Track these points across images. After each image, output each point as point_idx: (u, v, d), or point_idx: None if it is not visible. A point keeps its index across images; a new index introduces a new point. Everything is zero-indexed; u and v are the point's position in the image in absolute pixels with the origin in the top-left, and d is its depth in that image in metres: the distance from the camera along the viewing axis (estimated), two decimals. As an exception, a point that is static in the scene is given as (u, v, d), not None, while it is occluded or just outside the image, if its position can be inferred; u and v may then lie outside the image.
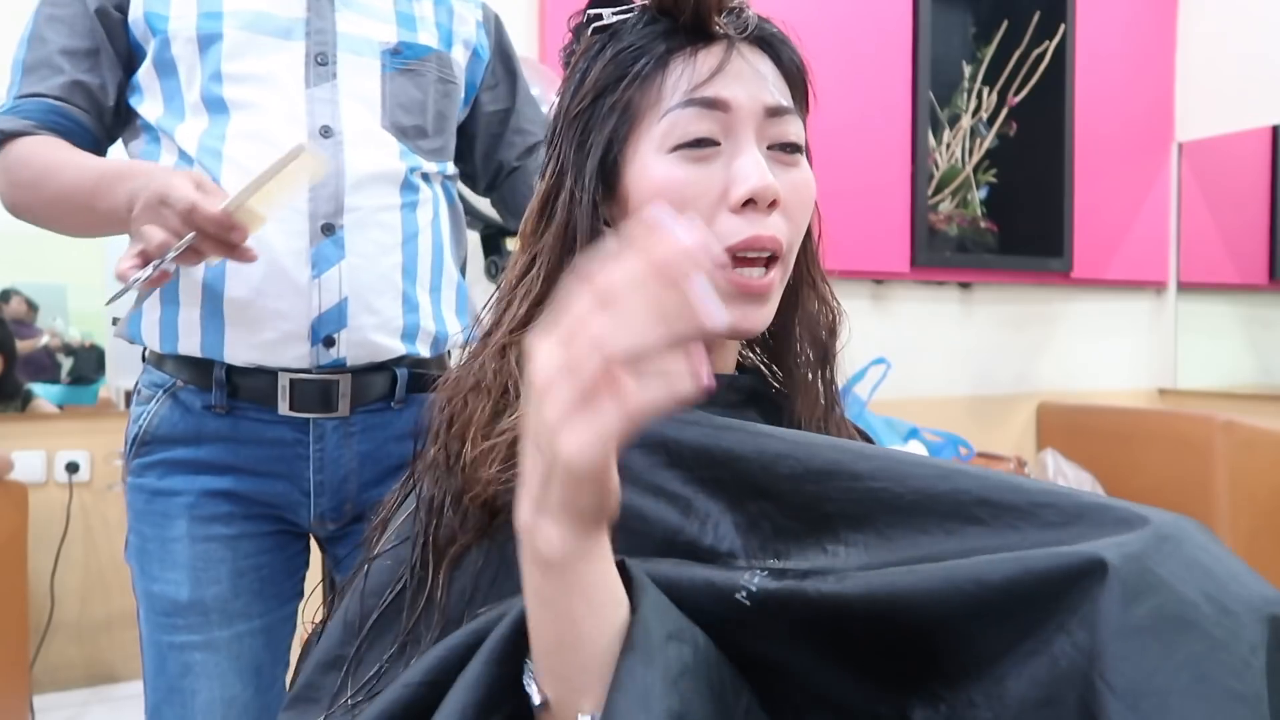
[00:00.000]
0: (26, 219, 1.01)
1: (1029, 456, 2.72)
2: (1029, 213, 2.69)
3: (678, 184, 0.58)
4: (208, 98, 0.96)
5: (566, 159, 0.61)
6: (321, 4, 1.00)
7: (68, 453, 2.24)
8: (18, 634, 1.91)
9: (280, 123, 0.96)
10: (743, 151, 0.58)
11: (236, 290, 0.94)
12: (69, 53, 0.97)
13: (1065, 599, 0.42)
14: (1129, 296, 2.93)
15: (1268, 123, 2.72)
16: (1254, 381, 2.89)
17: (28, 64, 0.98)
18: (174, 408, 0.98)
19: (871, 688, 0.47)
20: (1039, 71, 2.66)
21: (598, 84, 0.60)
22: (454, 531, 0.55)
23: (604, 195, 0.60)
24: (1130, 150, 2.86)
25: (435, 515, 0.56)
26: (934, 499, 0.49)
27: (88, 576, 2.27)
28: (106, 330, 2.28)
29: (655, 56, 0.59)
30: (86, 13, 0.97)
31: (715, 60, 0.59)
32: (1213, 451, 2.34)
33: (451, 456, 0.56)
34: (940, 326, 2.62)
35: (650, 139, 0.59)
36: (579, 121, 0.61)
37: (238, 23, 0.97)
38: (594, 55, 0.61)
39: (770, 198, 0.58)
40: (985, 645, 0.44)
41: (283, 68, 0.98)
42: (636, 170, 0.59)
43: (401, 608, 0.55)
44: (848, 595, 0.46)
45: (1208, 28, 2.85)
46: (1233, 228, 2.89)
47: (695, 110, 0.58)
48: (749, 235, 0.58)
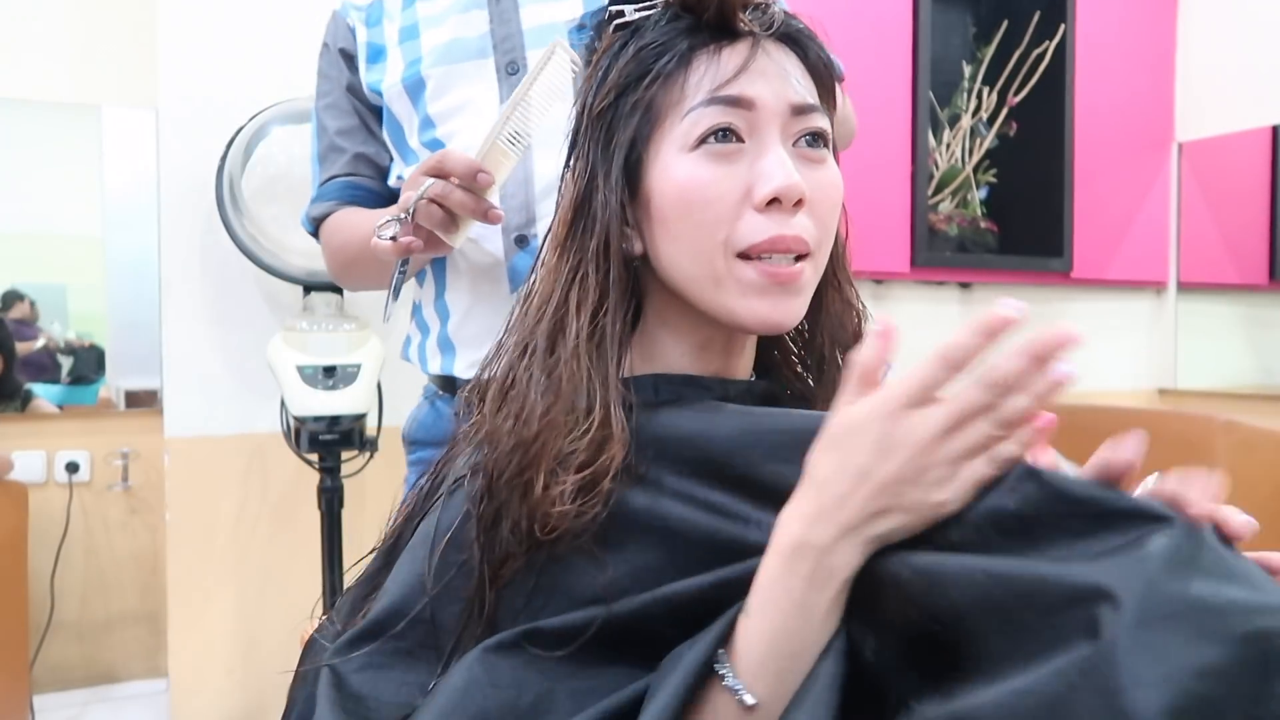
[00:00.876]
0: (351, 285, 1.18)
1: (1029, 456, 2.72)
2: (1029, 213, 2.69)
3: (701, 183, 0.57)
4: (425, 144, 1.00)
5: (596, 160, 0.60)
6: (503, 7, 0.99)
7: (68, 453, 2.24)
8: (18, 634, 1.91)
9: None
10: (767, 150, 0.57)
11: (455, 313, 1.02)
12: (343, 132, 1.07)
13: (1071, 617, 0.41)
14: (1129, 296, 2.93)
15: (1268, 123, 2.72)
16: (1254, 381, 2.89)
17: (319, 154, 1.09)
18: (430, 412, 1.08)
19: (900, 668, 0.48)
20: (1039, 71, 2.66)
21: (620, 82, 0.59)
22: (509, 553, 0.54)
23: (628, 196, 0.60)
24: (1130, 150, 2.86)
25: (491, 537, 0.55)
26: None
27: (88, 576, 2.27)
28: (106, 330, 2.28)
29: (678, 54, 0.58)
30: (343, 92, 1.07)
31: (740, 58, 0.58)
32: (1213, 451, 2.34)
33: (522, 488, 0.54)
34: (940, 326, 2.62)
35: (673, 138, 0.58)
36: (602, 120, 0.60)
37: (435, 59, 0.98)
38: (616, 52, 0.61)
39: (795, 196, 0.56)
40: (996, 644, 0.43)
41: (479, 90, 0.98)
42: (659, 170, 0.59)
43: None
44: (895, 572, 0.47)
45: (1208, 28, 2.85)
46: (1233, 228, 2.89)
47: (719, 108, 0.57)
48: (773, 235, 0.56)
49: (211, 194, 1.67)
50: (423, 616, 0.55)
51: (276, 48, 1.86)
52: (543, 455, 0.54)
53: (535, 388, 0.56)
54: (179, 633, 1.82)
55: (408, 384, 1.99)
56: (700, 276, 0.58)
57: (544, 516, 0.53)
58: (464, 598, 0.54)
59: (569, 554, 0.54)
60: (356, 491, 1.80)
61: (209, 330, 1.83)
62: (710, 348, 0.63)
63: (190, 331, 1.82)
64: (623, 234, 0.59)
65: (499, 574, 0.54)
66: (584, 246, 0.59)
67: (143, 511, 2.31)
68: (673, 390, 0.61)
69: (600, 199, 0.59)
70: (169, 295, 1.82)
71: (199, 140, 1.78)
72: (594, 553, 0.53)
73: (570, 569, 0.54)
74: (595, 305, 0.58)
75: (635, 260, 0.61)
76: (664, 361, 0.63)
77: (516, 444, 0.55)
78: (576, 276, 0.59)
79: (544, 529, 0.53)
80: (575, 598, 0.53)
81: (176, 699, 1.82)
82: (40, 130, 2.23)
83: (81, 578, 2.27)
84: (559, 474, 0.54)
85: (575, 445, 0.54)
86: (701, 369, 0.63)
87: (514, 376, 0.59)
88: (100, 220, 2.25)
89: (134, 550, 2.31)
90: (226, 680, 1.85)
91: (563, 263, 0.60)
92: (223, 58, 1.82)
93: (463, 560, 0.55)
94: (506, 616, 0.54)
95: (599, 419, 0.55)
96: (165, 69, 1.79)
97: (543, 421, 0.55)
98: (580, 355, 0.57)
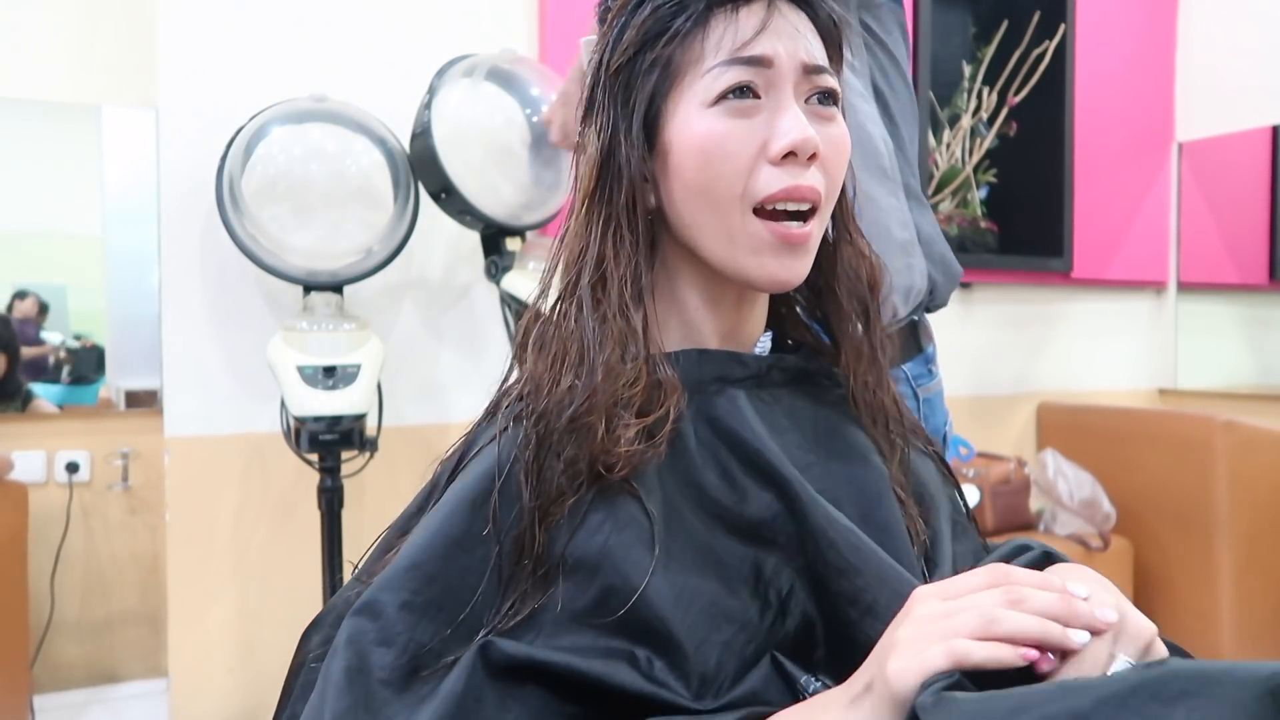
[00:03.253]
0: None
1: (1029, 456, 2.72)
2: (1029, 213, 2.69)
3: (719, 137, 0.59)
4: None
5: (616, 115, 0.62)
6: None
7: (68, 453, 2.23)
8: (18, 634, 1.91)
9: None
10: (784, 107, 0.60)
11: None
12: None
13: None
14: (1129, 296, 2.93)
15: (1268, 123, 2.72)
16: (1254, 381, 2.89)
17: None
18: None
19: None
20: (1039, 71, 2.66)
21: (638, 39, 0.61)
22: (561, 492, 0.56)
23: (646, 150, 0.62)
24: (1130, 150, 2.86)
25: (544, 477, 0.56)
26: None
27: (88, 576, 2.27)
28: (106, 330, 2.28)
29: (696, 12, 0.60)
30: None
31: (758, 19, 0.60)
32: (1213, 451, 2.33)
33: (585, 429, 0.56)
34: (940, 326, 2.62)
35: (692, 95, 0.60)
36: (620, 77, 0.62)
37: None
38: (632, 9, 0.62)
39: (810, 150, 0.59)
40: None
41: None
42: (678, 125, 0.60)
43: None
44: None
45: (1208, 28, 2.85)
46: (1233, 228, 2.89)
47: (740, 68, 0.59)
48: (789, 184, 0.59)
49: (211, 194, 1.67)
50: (448, 571, 0.55)
51: (276, 48, 1.86)
52: (603, 400, 0.57)
53: (590, 336, 0.59)
54: (179, 633, 1.82)
55: (408, 384, 1.99)
56: (715, 231, 0.61)
57: (607, 455, 0.56)
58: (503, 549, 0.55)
59: (619, 492, 0.56)
60: (356, 491, 1.80)
61: (209, 330, 1.83)
62: (723, 303, 0.65)
63: (190, 331, 1.82)
64: (644, 188, 0.61)
65: (549, 513, 0.55)
66: (614, 200, 0.61)
67: (143, 511, 2.31)
68: (715, 367, 0.64)
69: (624, 154, 0.61)
70: (169, 295, 1.81)
71: (199, 140, 1.78)
72: (639, 495, 0.56)
73: (618, 505, 0.56)
74: (630, 257, 0.60)
75: (650, 214, 0.63)
76: (681, 315, 0.65)
77: (577, 390, 0.57)
78: (610, 229, 0.61)
79: (609, 467, 0.55)
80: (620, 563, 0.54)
81: (176, 699, 1.82)
82: (40, 130, 2.23)
83: (81, 578, 2.27)
84: (623, 415, 0.56)
85: (631, 392, 0.57)
86: (717, 324, 0.65)
87: (563, 327, 0.60)
88: (100, 220, 2.24)
89: (134, 550, 2.31)
90: (226, 680, 1.85)
91: (593, 217, 0.62)
92: (223, 58, 1.82)
93: (504, 514, 0.56)
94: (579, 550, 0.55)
95: (647, 367, 0.58)
96: (165, 69, 1.79)
97: (604, 369, 0.57)
98: (628, 306, 0.59)
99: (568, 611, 0.54)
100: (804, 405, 0.66)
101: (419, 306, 1.99)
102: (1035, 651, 0.44)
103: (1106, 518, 2.46)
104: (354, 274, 1.70)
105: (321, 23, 1.90)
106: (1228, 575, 2.32)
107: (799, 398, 0.66)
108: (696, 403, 0.61)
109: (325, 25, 1.90)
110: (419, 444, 1.97)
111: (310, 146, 1.64)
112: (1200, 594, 2.37)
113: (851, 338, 0.67)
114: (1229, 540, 2.31)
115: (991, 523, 2.42)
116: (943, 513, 0.68)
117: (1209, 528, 2.34)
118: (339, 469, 1.68)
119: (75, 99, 2.23)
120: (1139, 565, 2.49)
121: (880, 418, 0.67)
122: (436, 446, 2.00)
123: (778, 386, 0.66)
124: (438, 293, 2.00)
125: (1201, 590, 2.37)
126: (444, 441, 2.03)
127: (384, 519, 0.66)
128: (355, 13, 1.92)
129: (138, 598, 2.31)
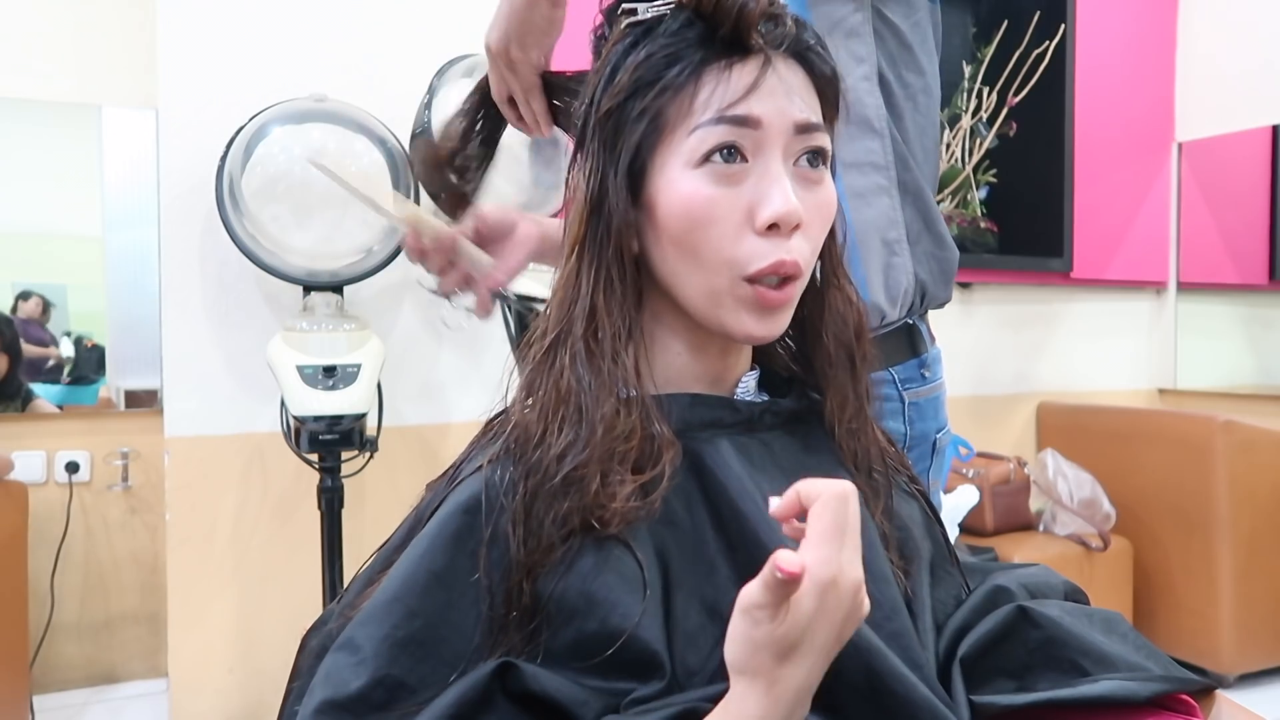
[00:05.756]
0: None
1: (1029, 456, 2.72)
2: (1029, 213, 2.69)
3: (705, 202, 0.58)
4: None
5: (605, 162, 0.61)
6: None
7: (68, 453, 2.24)
8: (18, 634, 1.91)
9: None
10: (770, 172, 0.59)
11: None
12: None
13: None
14: (1129, 296, 2.93)
15: (1268, 123, 2.72)
16: (1254, 381, 2.89)
17: None
18: None
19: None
20: (1039, 71, 2.66)
21: (630, 84, 0.60)
22: (550, 543, 0.55)
23: (630, 199, 0.61)
24: (1130, 150, 2.86)
25: (528, 528, 0.56)
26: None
27: (88, 576, 2.27)
28: (106, 330, 2.28)
29: (690, 66, 0.59)
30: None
31: (750, 77, 0.58)
32: (1213, 451, 2.33)
33: (578, 483, 0.56)
34: (940, 326, 2.62)
35: (679, 152, 0.59)
36: (609, 121, 0.61)
37: None
38: (625, 50, 0.61)
39: (794, 222, 0.59)
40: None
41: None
42: (664, 182, 0.60)
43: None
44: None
45: (1208, 28, 2.85)
46: (1233, 228, 2.89)
47: (726, 127, 0.58)
48: (773, 261, 0.58)
49: (211, 194, 1.67)
50: (429, 607, 0.54)
51: (276, 48, 1.86)
52: (598, 454, 0.56)
53: (588, 392, 0.58)
54: (179, 633, 1.82)
55: (408, 384, 1.99)
56: (698, 287, 0.60)
57: (602, 510, 0.55)
58: (483, 595, 0.55)
59: (609, 537, 0.56)
60: (356, 491, 1.80)
61: (209, 330, 1.83)
62: (707, 350, 0.65)
63: (190, 331, 1.82)
64: (629, 234, 0.61)
65: (539, 564, 0.55)
66: (603, 247, 0.60)
67: (143, 511, 2.31)
68: (708, 412, 0.63)
69: (611, 201, 0.60)
70: (169, 295, 1.82)
71: (199, 140, 1.78)
72: (629, 541, 0.56)
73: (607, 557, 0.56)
74: (621, 306, 0.60)
75: (634, 258, 0.63)
76: (665, 359, 0.64)
77: (574, 446, 0.56)
78: (601, 281, 0.60)
79: (602, 522, 0.55)
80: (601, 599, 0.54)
81: (176, 699, 1.82)
82: (40, 130, 2.23)
83: (81, 578, 2.27)
84: (618, 471, 0.56)
85: (627, 446, 0.57)
86: (701, 369, 0.65)
87: (560, 382, 0.59)
88: (100, 220, 2.25)
89: (134, 550, 2.31)
90: (226, 680, 1.85)
91: (584, 263, 0.61)
92: (223, 58, 1.82)
93: (483, 553, 0.56)
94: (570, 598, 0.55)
95: (642, 422, 0.58)
96: (165, 69, 1.79)
97: (603, 425, 0.57)
98: (620, 352, 0.59)
99: (554, 653, 0.54)
100: (795, 449, 0.66)
101: (419, 306, 1.99)
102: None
103: (1106, 518, 2.46)
104: (354, 274, 1.70)
105: (321, 23, 1.90)
106: (1228, 575, 2.32)
107: (791, 439, 0.66)
108: (685, 447, 0.61)
109: (325, 25, 1.90)
110: (419, 444, 1.97)
111: (310, 146, 1.64)
112: (1200, 594, 2.37)
113: (836, 383, 0.67)
114: (1229, 540, 2.31)
115: (991, 523, 2.42)
116: (924, 561, 0.68)
117: (1209, 528, 2.34)
118: (339, 469, 1.68)
119: (75, 99, 2.23)
120: (1139, 565, 2.49)
121: (864, 465, 0.67)
122: (436, 446, 2.01)
123: (768, 430, 0.65)
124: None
125: (1201, 590, 2.37)
126: (444, 441, 2.04)
127: (384, 519, 0.66)
128: (355, 13, 1.92)
129: (138, 598, 2.31)
